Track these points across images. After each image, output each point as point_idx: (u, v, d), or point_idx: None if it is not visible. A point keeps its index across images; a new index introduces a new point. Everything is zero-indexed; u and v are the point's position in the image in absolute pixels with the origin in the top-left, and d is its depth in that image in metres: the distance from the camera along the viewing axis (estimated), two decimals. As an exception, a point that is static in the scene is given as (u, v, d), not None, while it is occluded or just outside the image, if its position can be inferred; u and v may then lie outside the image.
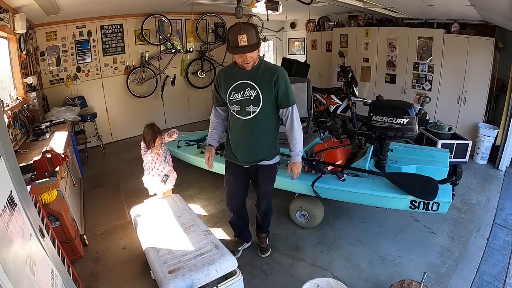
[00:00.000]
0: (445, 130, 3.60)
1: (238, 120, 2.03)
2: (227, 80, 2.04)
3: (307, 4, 4.35)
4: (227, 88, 2.01)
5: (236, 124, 2.07)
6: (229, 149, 2.18)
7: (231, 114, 2.06)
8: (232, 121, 2.10)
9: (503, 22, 3.56)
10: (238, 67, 2.01)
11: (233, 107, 2.02)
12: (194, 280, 1.78)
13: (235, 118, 2.04)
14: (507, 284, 2.16)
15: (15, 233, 1.14)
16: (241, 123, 2.03)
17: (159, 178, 2.84)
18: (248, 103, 1.97)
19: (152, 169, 2.81)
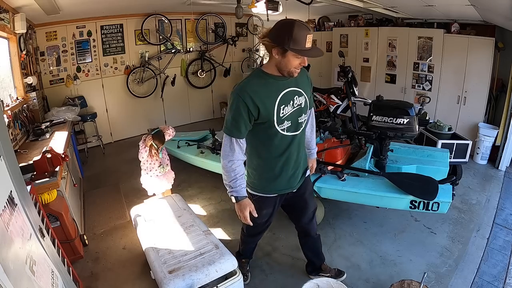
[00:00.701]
0: (445, 130, 3.61)
1: (285, 139, 1.60)
2: (266, 95, 1.50)
3: (307, 4, 4.35)
4: (273, 104, 1.51)
5: (280, 146, 1.61)
6: (267, 180, 1.70)
7: (273, 136, 1.57)
8: (272, 145, 1.61)
9: (503, 22, 3.56)
10: (272, 74, 1.52)
11: (283, 125, 1.55)
12: (194, 280, 1.78)
13: (281, 138, 1.59)
14: (507, 284, 2.16)
15: (15, 233, 1.14)
16: (289, 141, 1.62)
17: (157, 179, 2.84)
18: (300, 113, 1.61)
19: (151, 170, 2.81)
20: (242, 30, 6.46)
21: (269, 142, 1.60)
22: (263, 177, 1.72)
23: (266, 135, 1.58)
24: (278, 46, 1.41)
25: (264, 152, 1.65)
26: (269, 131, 1.56)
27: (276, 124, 1.53)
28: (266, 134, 1.58)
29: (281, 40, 1.38)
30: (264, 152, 1.65)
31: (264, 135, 1.58)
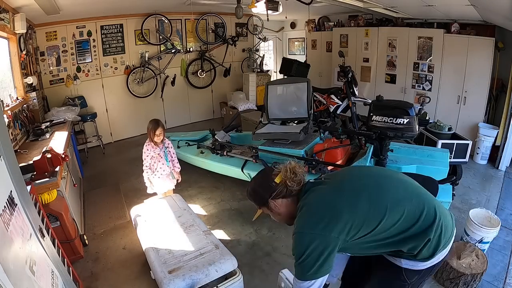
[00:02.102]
0: (445, 130, 3.60)
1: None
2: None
3: (307, 4, 4.35)
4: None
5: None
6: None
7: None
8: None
9: (503, 22, 3.56)
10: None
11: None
12: (194, 280, 1.78)
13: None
14: (507, 284, 2.16)
15: (15, 233, 1.14)
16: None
17: (161, 179, 2.85)
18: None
19: (157, 170, 2.82)
20: (242, 30, 6.46)
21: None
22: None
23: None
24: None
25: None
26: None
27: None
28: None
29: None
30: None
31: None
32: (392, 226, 1.13)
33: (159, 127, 2.72)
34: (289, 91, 3.38)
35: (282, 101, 3.41)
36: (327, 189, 1.22)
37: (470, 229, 2.30)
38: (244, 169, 3.03)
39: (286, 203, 1.26)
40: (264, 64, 6.92)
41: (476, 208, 2.41)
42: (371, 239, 1.14)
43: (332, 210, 1.13)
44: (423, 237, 1.14)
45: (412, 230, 1.14)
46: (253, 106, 5.80)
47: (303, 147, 2.91)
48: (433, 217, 1.16)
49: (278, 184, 1.23)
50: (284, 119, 3.37)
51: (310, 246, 1.10)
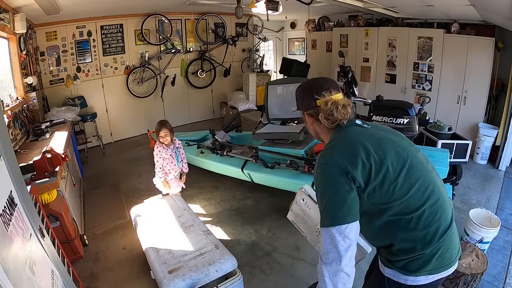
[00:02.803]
0: (445, 130, 3.60)
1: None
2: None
3: (307, 4, 4.35)
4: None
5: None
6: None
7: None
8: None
9: (503, 22, 3.56)
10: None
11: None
12: (194, 280, 1.78)
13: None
14: (507, 284, 2.16)
15: (15, 233, 1.14)
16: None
17: (173, 179, 2.87)
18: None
19: (170, 171, 2.82)
20: (242, 30, 6.46)
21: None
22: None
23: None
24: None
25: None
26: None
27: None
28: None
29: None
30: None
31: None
32: (406, 191, 1.04)
33: (163, 129, 2.68)
34: (289, 91, 3.38)
35: (282, 101, 3.41)
36: (365, 131, 1.14)
37: (470, 229, 2.30)
38: (244, 169, 3.04)
39: (318, 124, 1.21)
40: (264, 64, 6.92)
41: (476, 208, 2.42)
42: (379, 200, 1.05)
43: (359, 147, 1.05)
44: (422, 233, 1.06)
45: (418, 214, 1.05)
46: (253, 106, 5.80)
47: (303, 147, 2.91)
48: (448, 223, 1.09)
49: (316, 105, 1.16)
50: (284, 119, 3.37)
51: (335, 179, 1.02)
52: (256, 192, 3.46)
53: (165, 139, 2.71)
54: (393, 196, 1.04)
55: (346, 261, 1.01)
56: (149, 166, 4.34)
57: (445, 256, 1.10)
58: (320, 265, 1.04)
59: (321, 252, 1.04)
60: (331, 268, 1.01)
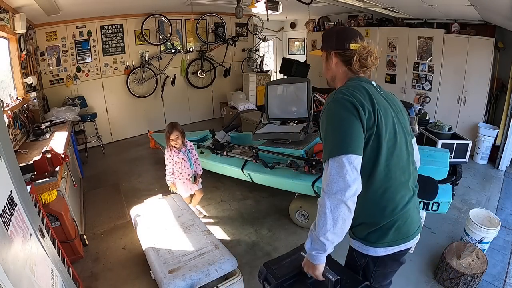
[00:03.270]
0: (445, 130, 3.60)
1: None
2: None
3: (307, 4, 4.35)
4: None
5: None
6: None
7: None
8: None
9: (503, 22, 3.56)
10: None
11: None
12: (194, 280, 1.78)
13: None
14: (507, 284, 2.16)
15: (15, 233, 1.14)
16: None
17: (185, 183, 2.85)
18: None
19: (182, 175, 2.78)
20: (242, 30, 6.46)
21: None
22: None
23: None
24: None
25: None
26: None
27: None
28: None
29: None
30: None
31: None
32: (385, 161, 1.12)
33: (174, 131, 2.60)
34: (289, 91, 3.38)
35: (282, 101, 3.41)
36: (377, 93, 1.19)
37: (470, 229, 2.30)
38: (244, 169, 3.03)
39: (341, 67, 1.24)
40: (264, 64, 6.92)
41: (476, 208, 2.42)
42: (366, 158, 1.09)
43: (370, 97, 1.11)
44: (383, 207, 1.14)
45: (384, 188, 1.14)
46: (253, 106, 5.80)
47: (303, 147, 2.91)
48: (406, 200, 1.18)
49: (348, 48, 1.19)
50: (284, 119, 3.37)
51: (349, 112, 1.05)
52: (256, 192, 3.46)
53: (176, 142, 2.64)
54: (377, 161, 1.10)
55: (351, 192, 0.99)
56: (149, 166, 4.36)
57: (401, 230, 1.18)
58: (323, 196, 1.02)
59: (325, 184, 1.02)
60: (334, 198, 0.99)
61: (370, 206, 1.16)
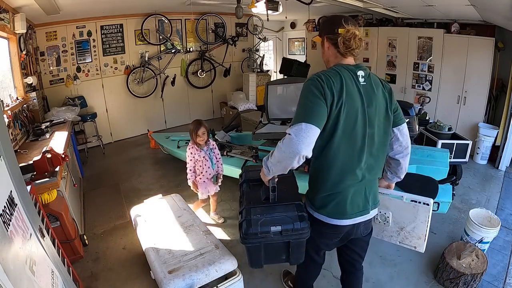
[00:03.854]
0: (445, 130, 3.60)
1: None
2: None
3: (307, 4, 4.35)
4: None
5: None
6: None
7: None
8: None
9: (503, 22, 3.56)
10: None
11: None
12: (194, 280, 1.78)
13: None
14: (507, 284, 2.16)
15: (15, 233, 1.14)
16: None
17: (208, 182, 2.75)
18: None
19: (203, 173, 2.68)
20: (242, 30, 6.46)
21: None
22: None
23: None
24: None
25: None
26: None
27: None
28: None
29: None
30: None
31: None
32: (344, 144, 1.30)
33: (201, 127, 2.56)
34: (289, 91, 3.38)
35: (282, 101, 3.41)
36: (354, 85, 1.32)
37: (470, 229, 2.30)
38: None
39: (332, 50, 1.39)
40: (264, 64, 6.92)
41: (476, 208, 2.42)
42: (325, 132, 1.28)
43: (342, 83, 1.27)
44: (331, 182, 1.35)
45: (338, 167, 1.33)
46: (253, 106, 5.80)
47: (303, 147, 2.90)
48: (350, 183, 1.35)
49: (337, 33, 1.33)
50: (284, 119, 3.37)
51: (314, 93, 1.25)
52: (256, 192, 3.45)
53: (203, 138, 2.58)
54: (330, 141, 1.30)
55: (301, 152, 1.18)
56: (149, 166, 4.36)
57: (340, 206, 1.37)
58: (281, 144, 1.23)
59: (286, 137, 1.22)
60: (287, 150, 1.21)
61: (317, 175, 1.41)
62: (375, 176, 1.45)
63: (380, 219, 1.74)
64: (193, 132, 2.56)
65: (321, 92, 1.24)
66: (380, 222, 1.75)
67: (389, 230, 1.76)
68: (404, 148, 1.49)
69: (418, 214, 1.62)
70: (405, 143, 1.49)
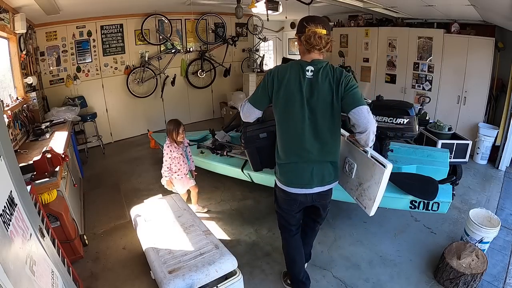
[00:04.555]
0: (445, 130, 3.60)
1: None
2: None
3: (307, 4, 4.35)
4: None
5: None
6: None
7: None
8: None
9: (503, 22, 3.56)
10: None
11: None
12: (194, 280, 1.78)
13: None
14: (507, 284, 2.16)
15: (15, 233, 1.14)
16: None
17: (185, 177, 2.88)
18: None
19: (180, 170, 2.82)
20: (242, 30, 6.46)
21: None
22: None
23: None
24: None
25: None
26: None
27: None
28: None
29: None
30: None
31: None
32: (289, 124, 1.66)
33: (182, 125, 2.73)
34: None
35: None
36: (302, 78, 1.61)
37: (470, 229, 2.31)
38: (244, 169, 3.03)
39: (301, 46, 1.65)
40: (264, 64, 6.92)
41: (476, 208, 2.42)
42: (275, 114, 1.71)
43: (286, 77, 1.61)
44: (284, 154, 1.72)
45: (288, 144, 1.69)
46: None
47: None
48: (294, 160, 1.70)
49: (305, 32, 1.57)
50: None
51: (263, 80, 1.68)
52: (256, 192, 3.46)
53: (182, 136, 2.74)
54: (277, 123, 1.71)
55: (244, 119, 1.80)
56: (149, 166, 4.35)
57: (289, 177, 1.73)
58: (242, 107, 1.76)
59: (243, 104, 1.76)
60: (241, 113, 1.78)
61: (276, 145, 1.78)
62: (326, 159, 1.68)
63: (347, 168, 1.86)
64: (173, 131, 2.70)
65: (266, 82, 1.65)
66: (346, 171, 1.87)
67: (351, 182, 1.86)
68: (361, 130, 1.59)
69: (374, 173, 1.65)
70: (362, 128, 1.57)
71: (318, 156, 1.65)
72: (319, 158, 1.66)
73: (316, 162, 1.67)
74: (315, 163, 1.67)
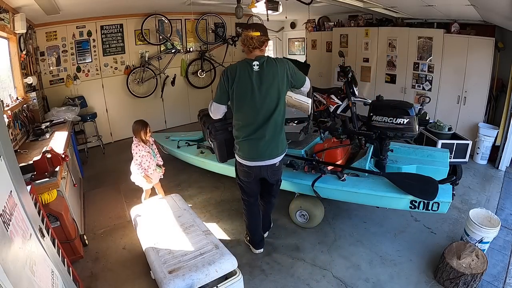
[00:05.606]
0: (445, 130, 3.60)
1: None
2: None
3: (307, 4, 4.35)
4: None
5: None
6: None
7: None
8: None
9: (503, 22, 3.56)
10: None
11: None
12: (194, 280, 1.78)
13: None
14: (507, 284, 2.16)
15: (15, 233, 1.14)
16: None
17: (154, 173, 2.95)
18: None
19: (149, 166, 2.89)
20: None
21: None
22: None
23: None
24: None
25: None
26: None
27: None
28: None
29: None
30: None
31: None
32: (245, 111, 2.07)
33: (148, 126, 2.91)
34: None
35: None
36: (251, 72, 2.01)
37: (470, 229, 2.30)
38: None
39: (244, 48, 2.08)
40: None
41: (476, 208, 2.42)
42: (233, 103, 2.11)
43: (236, 74, 2.02)
44: (242, 133, 2.10)
45: (244, 124, 2.09)
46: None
47: (303, 147, 2.91)
48: (248, 135, 2.08)
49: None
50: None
51: (221, 81, 2.07)
52: (256, 192, 3.45)
53: (150, 134, 2.91)
54: (234, 107, 2.10)
55: (213, 116, 2.22)
56: (149, 166, 4.35)
57: (245, 151, 2.12)
58: (210, 106, 2.20)
59: (210, 104, 2.21)
60: (210, 111, 2.21)
61: (234, 128, 2.15)
62: (274, 136, 2.07)
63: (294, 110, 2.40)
64: (141, 130, 2.83)
65: (222, 82, 2.05)
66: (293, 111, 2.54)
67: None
68: (306, 90, 2.28)
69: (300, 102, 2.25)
70: (307, 88, 2.26)
71: (269, 134, 2.04)
72: (269, 135, 2.05)
73: (266, 139, 2.05)
74: (266, 139, 2.05)
